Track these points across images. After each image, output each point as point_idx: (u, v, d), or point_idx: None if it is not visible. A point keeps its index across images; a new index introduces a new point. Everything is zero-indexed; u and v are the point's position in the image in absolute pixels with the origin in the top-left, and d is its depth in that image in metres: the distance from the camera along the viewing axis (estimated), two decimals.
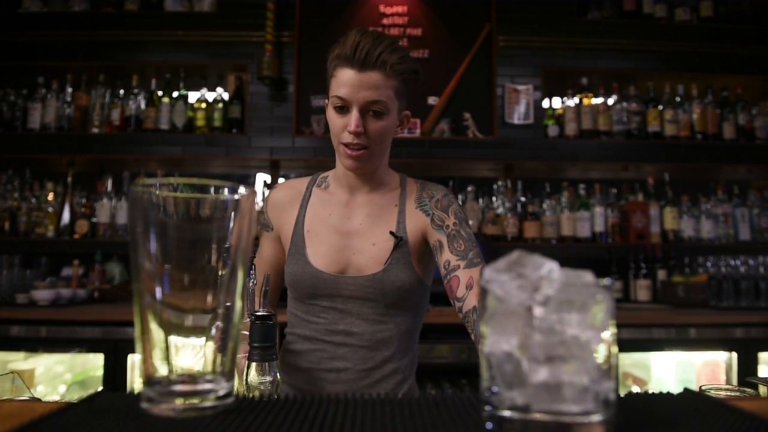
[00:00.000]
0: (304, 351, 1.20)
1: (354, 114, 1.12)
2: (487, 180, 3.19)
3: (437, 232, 1.19)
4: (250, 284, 0.89)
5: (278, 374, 0.76)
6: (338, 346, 1.18)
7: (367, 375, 1.18)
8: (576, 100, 3.09)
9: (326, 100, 1.24)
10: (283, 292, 1.35)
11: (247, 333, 0.76)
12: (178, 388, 0.47)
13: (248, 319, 0.79)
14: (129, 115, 3.01)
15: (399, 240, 1.19)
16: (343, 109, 1.14)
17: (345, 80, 1.12)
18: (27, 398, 0.83)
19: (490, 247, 2.83)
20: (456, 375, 2.39)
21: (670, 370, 2.59)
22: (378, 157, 1.21)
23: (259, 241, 1.33)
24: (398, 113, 1.20)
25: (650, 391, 0.54)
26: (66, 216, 2.90)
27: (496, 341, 0.41)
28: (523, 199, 3.05)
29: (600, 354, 0.39)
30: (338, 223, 1.23)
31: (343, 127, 1.15)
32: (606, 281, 0.41)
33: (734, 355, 2.38)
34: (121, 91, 3.05)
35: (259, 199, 2.79)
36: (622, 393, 0.53)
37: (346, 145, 1.15)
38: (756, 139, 3.05)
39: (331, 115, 1.17)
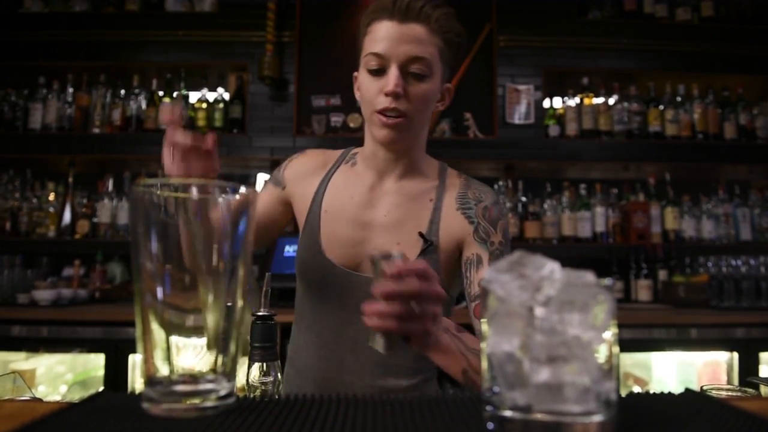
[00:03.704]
0: (309, 367, 1.07)
1: (393, 71, 0.96)
2: (488, 180, 3.19)
3: (479, 245, 1.01)
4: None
5: (279, 374, 0.76)
6: (343, 360, 1.04)
7: (378, 392, 1.03)
8: (577, 99, 3.09)
9: (355, 73, 1.09)
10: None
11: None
12: (180, 388, 0.48)
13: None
14: (130, 115, 3.01)
15: (428, 245, 1.02)
16: (379, 71, 0.98)
17: (383, 33, 0.97)
18: (28, 398, 0.83)
19: None
20: None
21: (671, 370, 2.59)
22: (416, 130, 1.04)
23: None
24: (441, 81, 1.04)
25: (651, 392, 0.54)
26: (67, 216, 2.90)
27: (497, 341, 0.41)
28: (523, 199, 3.05)
29: (601, 354, 0.39)
30: (359, 211, 1.07)
31: (378, 90, 0.98)
32: (607, 281, 0.41)
33: (735, 355, 2.38)
34: (122, 91, 3.05)
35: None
36: (624, 393, 0.53)
37: (381, 112, 0.98)
38: (757, 139, 3.05)
39: (364, 80, 1.01)
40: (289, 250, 2.52)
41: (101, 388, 2.25)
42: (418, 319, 0.70)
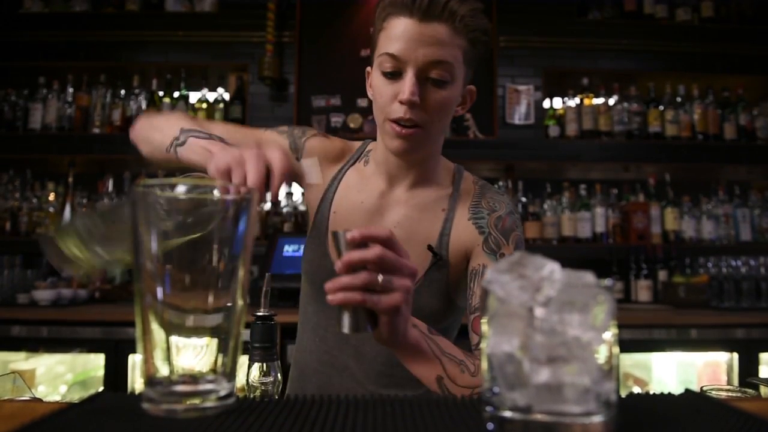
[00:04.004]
0: (313, 370, 1.05)
1: (409, 77, 0.86)
2: (488, 180, 3.17)
3: (487, 256, 0.93)
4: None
5: (279, 374, 0.76)
6: (346, 367, 1.01)
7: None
8: (577, 100, 3.09)
9: (368, 69, 0.99)
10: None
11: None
12: (180, 388, 0.47)
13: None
14: (130, 115, 3.01)
15: (437, 259, 0.96)
16: (394, 74, 0.88)
17: (400, 32, 0.86)
18: (28, 398, 0.83)
19: None
20: None
21: (671, 371, 2.59)
22: (433, 139, 0.96)
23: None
24: (463, 84, 0.95)
25: (651, 392, 0.54)
26: (67, 216, 2.90)
27: (497, 342, 0.41)
28: (523, 199, 3.05)
29: (601, 355, 0.39)
30: (368, 219, 1.01)
31: (392, 96, 0.89)
32: (607, 282, 0.41)
33: (735, 355, 2.38)
34: (122, 92, 3.05)
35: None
36: (623, 394, 0.53)
37: (395, 121, 0.89)
38: (757, 140, 3.05)
39: (378, 82, 0.91)
40: (288, 249, 2.52)
41: (101, 389, 2.25)
42: (385, 292, 0.65)
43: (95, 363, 2.42)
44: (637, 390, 2.58)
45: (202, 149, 0.82)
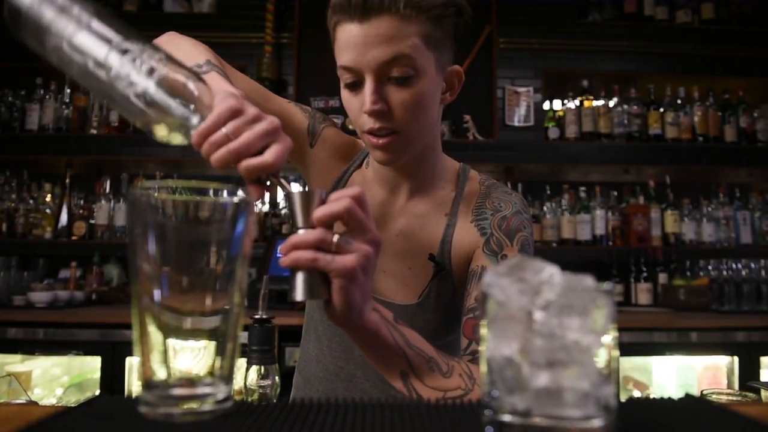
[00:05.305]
0: (319, 379, 1.01)
1: (367, 86, 0.79)
2: None
3: (487, 257, 0.87)
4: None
5: (277, 377, 0.75)
6: (353, 377, 0.97)
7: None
8: (577, 102, 3.09)
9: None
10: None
11: None
12: (177, 391, 0.47)
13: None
14: None
15: (439, 269, 0.91)
16: (355, 84, 0.82)
17: (346, 40, 0.80)
18: (24, 401, 0.82)
19: None
20: None
21: (672, 374, 2.59)
22: (418, 141, 0.88)
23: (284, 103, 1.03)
24: (439, 70, 0.84)
25: (651, 396, 0.54)
26: (64, 217, 2.89)
27: (496, 346, 0.40)
28: None
29: (601, 358, 0.39)
30: None
31: (359, 108, 0.82)
32: (606, 285, 0.41)
33: (736, 359, 2.37)
34: None
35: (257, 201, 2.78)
36: (623, 397, 0.53)
37: (369, 132, 0.83)
38: (758, 142, 3.05)
39: (344, 96, 0.86)
40: None
41: (98, 392, 2.24)
42: (341, 253, 0.60)
43: (92, 365, 2.42)
44: (637, 393, 2.57)
45: (220, 86, 0.70)
